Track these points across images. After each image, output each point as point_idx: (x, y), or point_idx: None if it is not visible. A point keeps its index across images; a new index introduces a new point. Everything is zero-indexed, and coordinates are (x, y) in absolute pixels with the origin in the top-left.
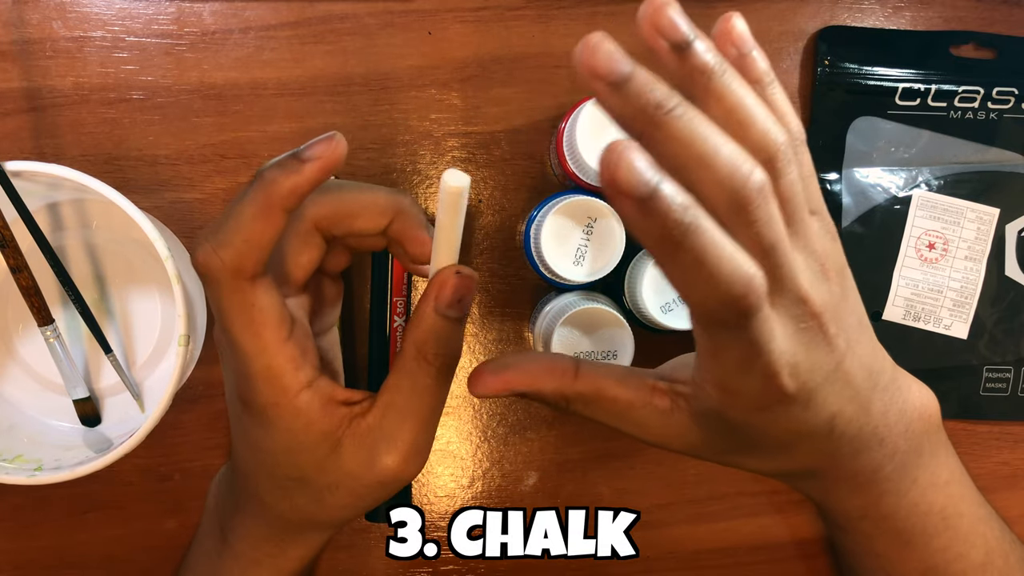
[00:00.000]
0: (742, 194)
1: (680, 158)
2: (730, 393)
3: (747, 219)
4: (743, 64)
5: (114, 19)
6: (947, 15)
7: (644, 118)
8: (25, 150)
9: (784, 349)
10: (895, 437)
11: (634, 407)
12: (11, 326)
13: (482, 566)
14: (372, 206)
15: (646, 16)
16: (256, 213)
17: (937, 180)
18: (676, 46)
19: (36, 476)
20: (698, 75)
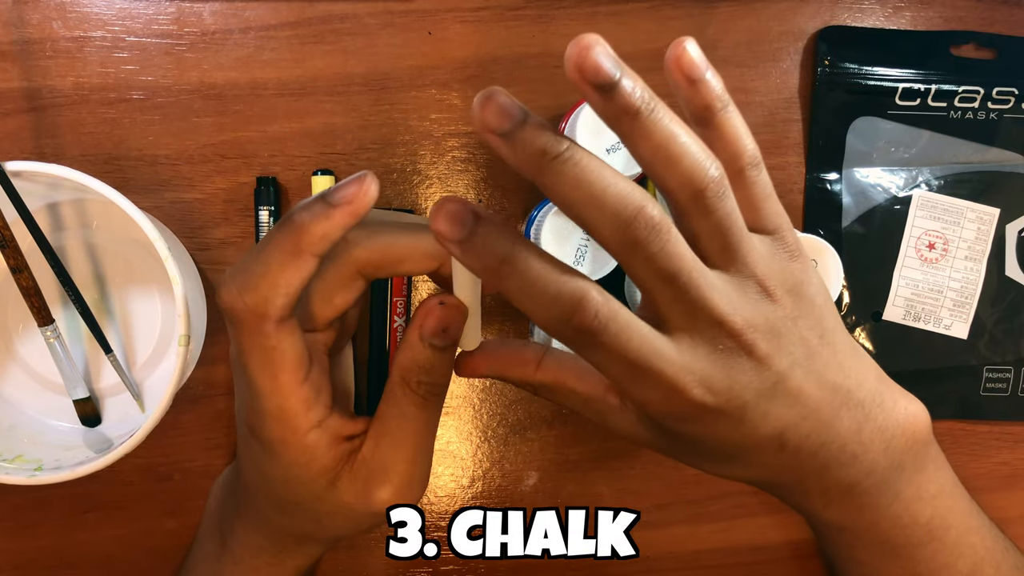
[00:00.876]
0: (630, 233)
1: (571, 200)
2: (638, 403)
3: (642, 254)
4: (694, 91)
5: (114, 19)
6: (947, 15)
7: (533, 166)
8: (25, 150)
9: (693, 367)
10: (872, 454)
11: (591, 401)
12: (11, 326)
13: (482, 566)
14: (422, 252)
15: (571, 59)
16: (284, 260)
17: (937, 180)
18: (601, 88)
19: (36, 476)
20: (623, 115)
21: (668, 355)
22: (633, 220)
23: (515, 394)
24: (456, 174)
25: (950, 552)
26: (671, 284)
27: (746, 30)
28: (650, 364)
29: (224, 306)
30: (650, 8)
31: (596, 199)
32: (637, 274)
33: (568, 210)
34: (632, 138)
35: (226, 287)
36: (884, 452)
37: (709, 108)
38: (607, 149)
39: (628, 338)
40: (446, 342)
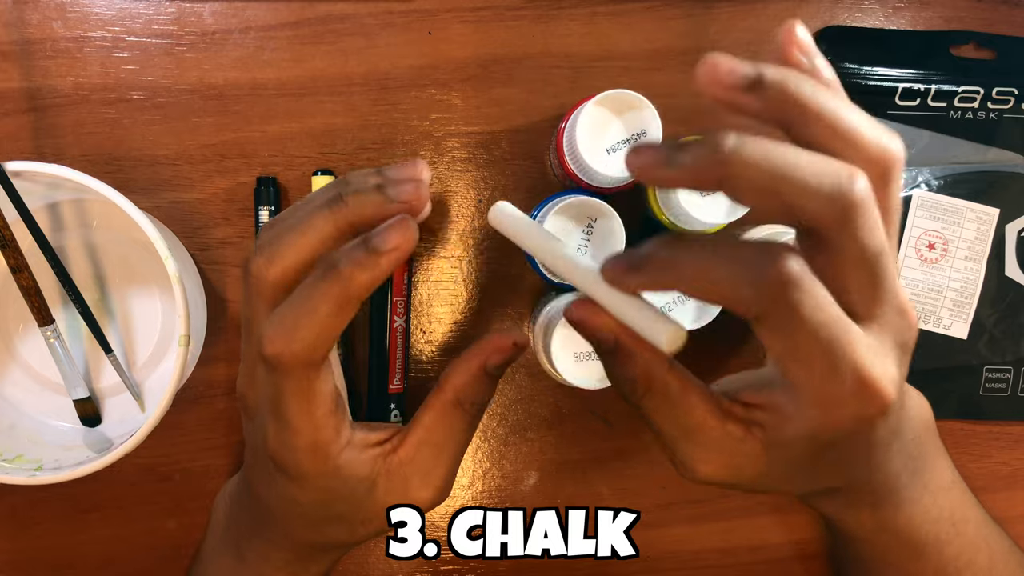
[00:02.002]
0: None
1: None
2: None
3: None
4: (814, 72)
5: (114, 19)
6: (947, 15)
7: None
8: (25, 150)
9: (886, 362)
10: (908, 444)
11: (706, 427)
12: (11, 326)
13: (482, 566)
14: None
15: (704, 75)
16: (332, 310)
17: (937, 180)
18: (749, 88)
19: (36, 476)
20: (786, 104)
21: (866, 342)
22: (850, 183)
23: (515, 394)
24: (456, 174)
25: (971, 547)
26: (875, 263)
27: (746, 30)
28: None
29: (270, 354)
30: (650, 8)
31: (793, 172)
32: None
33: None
34: (804, 124)
35: (271, 336)
36: (914, 441)
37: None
38: (607, 149)
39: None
40: (504, 371)
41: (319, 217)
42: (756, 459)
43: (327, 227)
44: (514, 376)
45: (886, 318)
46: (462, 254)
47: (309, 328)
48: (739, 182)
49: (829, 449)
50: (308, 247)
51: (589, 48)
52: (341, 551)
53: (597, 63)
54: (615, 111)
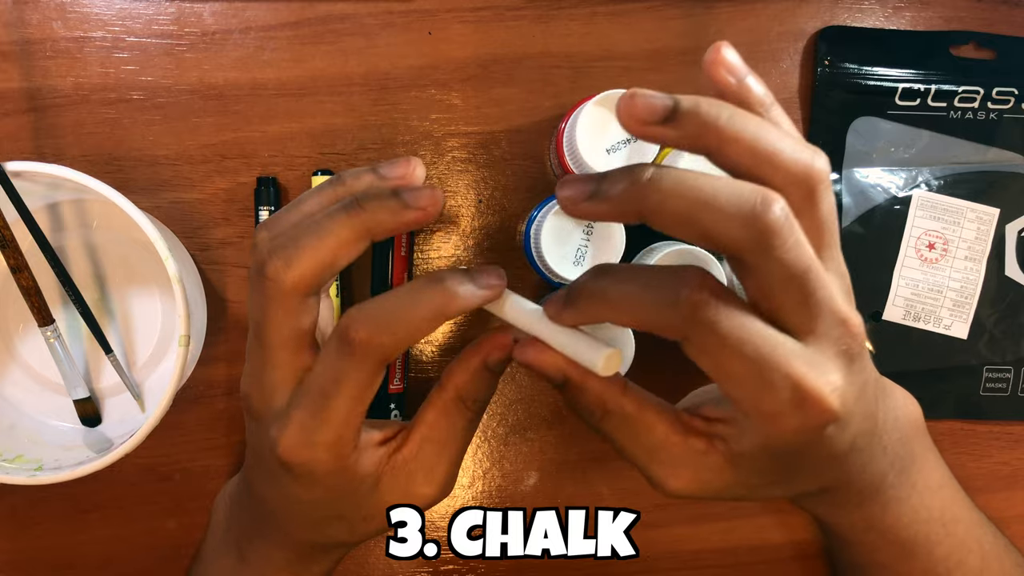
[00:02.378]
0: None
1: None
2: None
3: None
4: (741, 93)
5: (114, 19)
6: (947, 15)
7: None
8: (25, 150)
9: (827, 373)
10: (894, 444)
11: (668, 444)
12: (11, 326)
13: (482, 566)
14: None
15: (623, 113)
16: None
17: (937, 180)
18: (665, 120)
19: (36, 476)
20: (703, 131)
21: (801, 355)
22: (764, 208)
23: (515, 394)
24: (456, 174)
25: (961, 547)
26: (802, 281)
27: (746, 30)
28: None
29: (357, 341)
30: (650, 8)
31: (710, 200)
32: (767, 272)
33: (683, 226)
34: (722, 150)
35: (363, 325)
36: (900, 442)
37: (760, 106)
38: (607, 149)
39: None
40: (504, 367)
41: (337, 222)
42: (722, 471)
43: (345, 232)
44: (514, 376)
45: (823, 330)
46: (462, 254)
47: (405, 328)
48: (659, 214)
49: (790, 457)
50: (328, 252)
51: (589, 48)
52: (342, 550)
53: (597, 63)
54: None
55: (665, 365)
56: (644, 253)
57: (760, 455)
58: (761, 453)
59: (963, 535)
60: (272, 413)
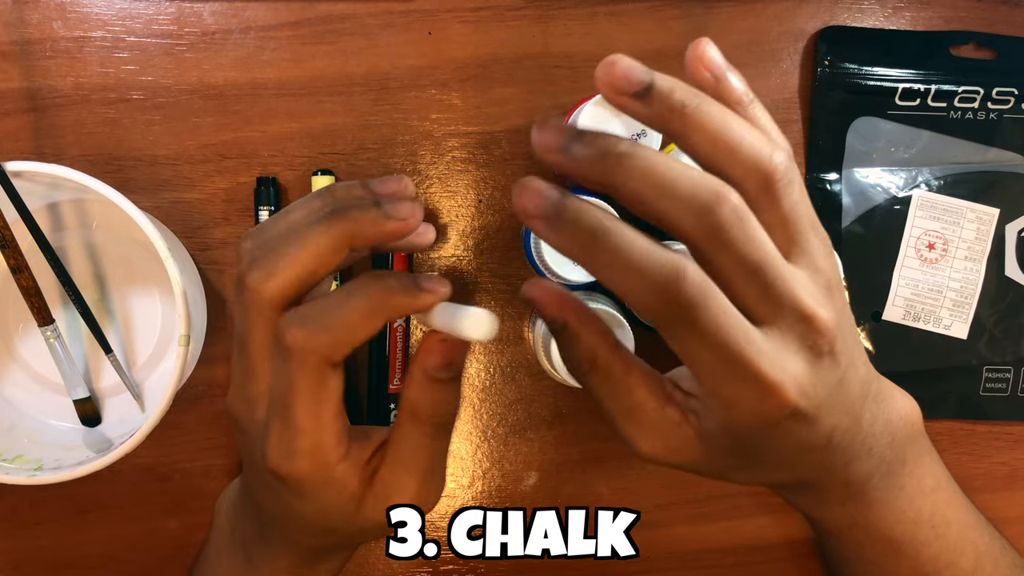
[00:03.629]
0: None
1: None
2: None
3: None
4: (720, 89)
5: (114, 19)
6: (947, 15)
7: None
8: (25, 150)
9: (786, 365)
10: (881, 447)
11: (646, 408)
12: (11, 326)
13: (482, 566)
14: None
15: (601, 79)
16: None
17: (937, 180)
18: (638, 95)
19: (36, 476)
20: (670, 114)
21: (765, 349)
22: (716, 203)
23: (515, 394)
24: (456, 174)
25: (953, 549)
26: (758, 275)
27: (746, 30)
28: (748, 357)
29: (293, 345)
30: (650, 8)
31: (670, 188)
32: (720, 265)
33: (641, 207)
34: (686, 136)
35: (297, 327)
36: (890, 445)
37: (739, 103)
38: None
39: (726, 320)
40: (451, 374)
41: (316, 231)
42: (692, 445)
43: (324, 241)
44: (514, 376)
45: (786, 323)
46: (462, 254)
47: (343, 327)
48: (622, 190)
49: (754, 443)
50: (307, 261)
51: (589, 48)
52: (347, 552)
53: (597, 63)
54: (615, 111)
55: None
56: None
57: (724, 436)
58: (724, 434)
59: (955, 537)
60: (257, 426)
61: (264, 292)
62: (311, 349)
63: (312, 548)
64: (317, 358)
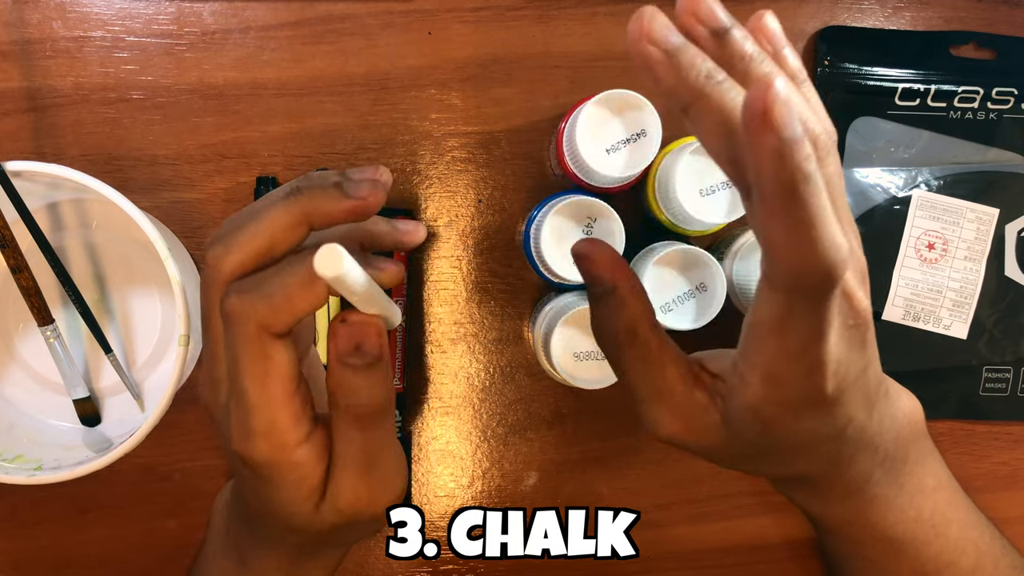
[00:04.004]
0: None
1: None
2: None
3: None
4: (777, 61)
5: (114, 19)
6: (947, 15)
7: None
8: (25, 150)
9: (833, 344)
10: (886, 444)
11: (675, 390)
12: (11, 326)
13: (482, 566)
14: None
15: (684, 6)
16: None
17: (937, 180)
18: (715, 32)
19: (36, 476)
20: (737, 61)
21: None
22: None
23: (515, 394)
24: (456, 174)
25: (953, 548)
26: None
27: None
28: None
29: (231, 312)
30: None
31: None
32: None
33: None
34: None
35: (235, 295)
36: (894, 442)
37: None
38: (607, 149)
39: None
40: (365, 360)
41: (275, 208)
42: (716, 430)
43: (282, 216)
44: (514, 376)
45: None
46: (462, 254)
47: (283, 295)
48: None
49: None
50: (264, 235)
51: (589, 48)
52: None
53: (597, 63)
54: (615, 111)
55: None
56: (644, 253)
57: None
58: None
59: (956, 537)
60: (222, 410)
61: (222, 267)
62: (247, 316)
63: (296, 546)
64: (254, 326)
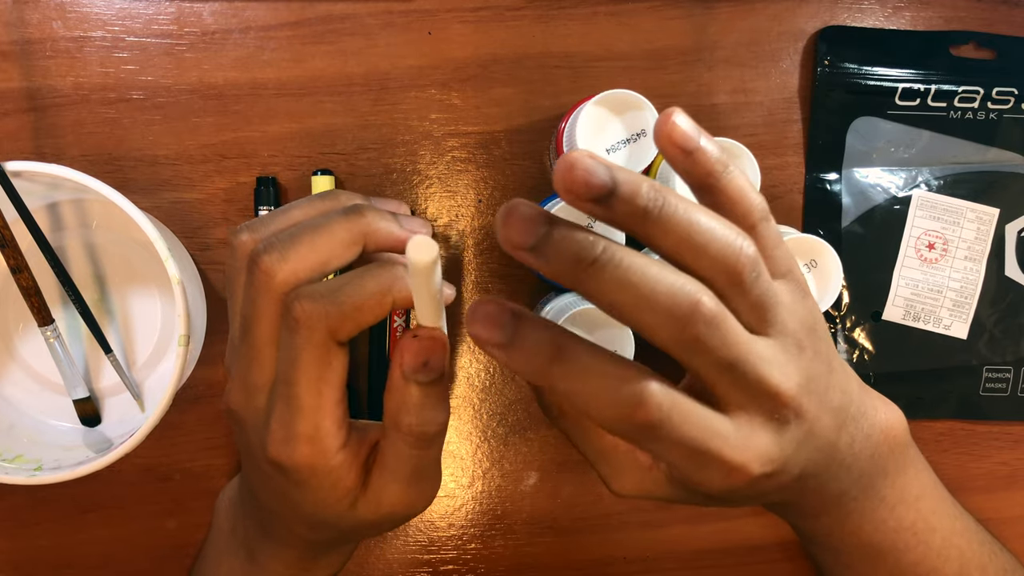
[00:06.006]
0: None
1: (618, 304)
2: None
3: (703, 350)
4: (692, 162)
5: (114, 19)
6: (947, 15)
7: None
8: (25, 150)
9: (750, 444)
10: (861, 462)
11: (616, 451)
12: (11, 326)
13: (482, 566)
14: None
15: (558, 182)
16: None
17: (937, 180)
18: (598, 200)
19: (36, 476)
20: (634, 219)
21: (730, 437)
22: (691, 317)
23: (515, 394)
24: (456, 174)
25: (936, 556)
26: (731, 371)
27: (746, 30)
28: (712, 449)
29: (301, 316)
30: (650, 8)
31: (645, 300)
32: (696, 367)
33: (616, 313)
34: (652, 238)
35: (307, 299)
36: (871, 459)
37: (711, 174)
38: (607, 149)
39: (691, 427)
40: (430, 376)
41: (336, 223)
42: (662, 484)
43: (343, 234)
44: (514, 376)
45: (755, 405)
46: (462, 254)
47: (355, 307)
48: (596, 299)
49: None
50: (323, 249)
51: (589, 48)
52: (350, 546)
53: (597, 63)
54: (615, 111)
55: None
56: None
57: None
58: (692, 490)
59: (939, 544)
60: (259, 416)
61: (277, 274)
62: (319, 320)
63: (312, 542)
64: (323, 332)
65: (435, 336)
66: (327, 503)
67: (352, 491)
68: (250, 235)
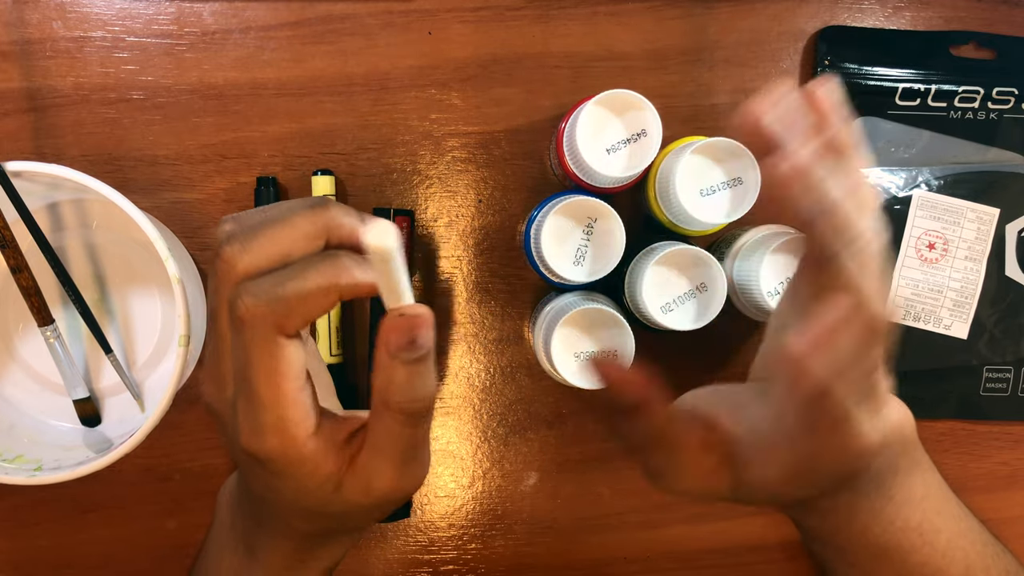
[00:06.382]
0: None
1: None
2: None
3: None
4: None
5: (114, 19)
6: (947, 15)
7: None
8: (25, 150)
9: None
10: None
11: (680, 451)
12: (11, 326)
13: (482, 566)
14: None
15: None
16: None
17: (937, 180)
18: None
19: (36, 476)
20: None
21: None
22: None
23: (515, 394)
24: (456, 174)
25: (941, 556)
26: None
27: (746, 30)
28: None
29: (244, 314)
30: (650, 8)
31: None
32: None
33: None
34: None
35: (248, 296)
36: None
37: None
38: (607, 149)
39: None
40: (418, 353)
41: (299, 216)
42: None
43: (306, 226)
44: (514, 376)
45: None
46: (462, 254)
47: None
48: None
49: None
50: (284, 240)
51: (589, 48)
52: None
53: (597, 63)
54: (615, 111)
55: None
56: (644, 253)
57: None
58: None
59: (944, 545)
60: (228, 406)
61: (237, 264)
62: (261, 318)
63: (306, 532)
64: (269, 329)
65: (420, 313)
66: (308, 490)
67: (333, 476)
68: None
